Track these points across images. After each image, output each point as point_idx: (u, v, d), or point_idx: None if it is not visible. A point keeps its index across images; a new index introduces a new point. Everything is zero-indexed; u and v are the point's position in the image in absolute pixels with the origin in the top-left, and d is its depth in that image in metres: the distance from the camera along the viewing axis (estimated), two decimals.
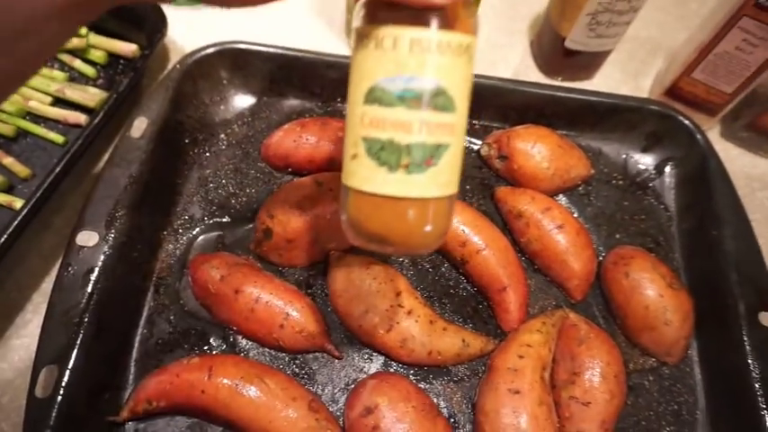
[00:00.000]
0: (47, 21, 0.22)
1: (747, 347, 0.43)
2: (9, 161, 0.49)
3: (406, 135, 0.25)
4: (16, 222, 0.42)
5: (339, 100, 0.56)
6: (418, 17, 0.25)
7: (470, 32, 0.26)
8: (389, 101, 0.25)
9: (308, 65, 0.53)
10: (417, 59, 0.25)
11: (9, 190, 0.48)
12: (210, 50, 0.52)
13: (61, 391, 0.35)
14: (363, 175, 0.27)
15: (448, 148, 0.26)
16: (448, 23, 0.25)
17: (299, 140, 0.50)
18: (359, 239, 0.29)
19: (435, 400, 0.42)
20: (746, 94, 0.57)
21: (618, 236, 0.53)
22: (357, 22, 0.26)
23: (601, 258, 0.51)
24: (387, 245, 0.28)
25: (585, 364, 0.43)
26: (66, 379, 0.36)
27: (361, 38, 0.26)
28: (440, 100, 0.25)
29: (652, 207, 0.55)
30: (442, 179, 0.27)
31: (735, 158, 0.62)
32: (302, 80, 0.55)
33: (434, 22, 0.25)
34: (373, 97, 0.26)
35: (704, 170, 0.52)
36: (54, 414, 0.35)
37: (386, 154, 0.26)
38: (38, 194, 0.43)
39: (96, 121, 0.48)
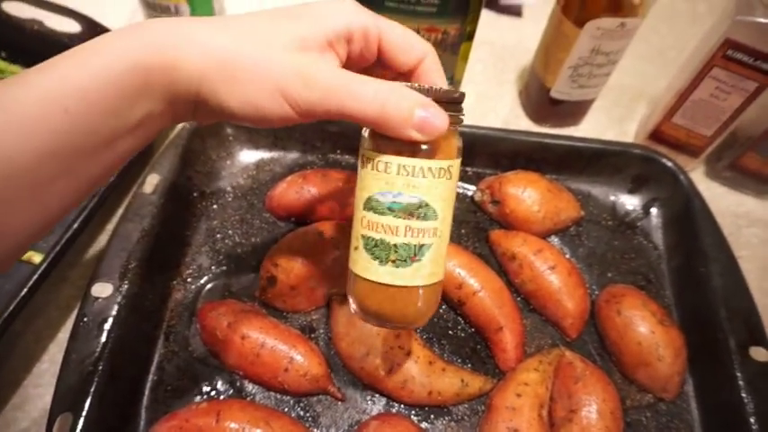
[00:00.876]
0: (120, 139, 0.27)
1: (740, 382, 0.44)
2: None
3: (393, 237, 0.32)
4: (36, 276, 0.44)
5: (338, 152, 0.60)
6: (406, 148, 0.30)
7: (451, 157, 0.32)
8: (381, 210, 0.31)
9: None
10: (403, 181, 0.31)
11: None
12: None
13: None
14: (362, 264, 0.33)
15: (430, 247, 0.32)
16: (430, 153, 0.31)
17: (302, 192, 0.53)
18: (361, 315, 0.35)
19: None
20: (726, 137, 0.60)
21: (609, 274, 0.55)
22: (363, 145, 0.32)
23: (594, 297, 0.52)
24: (383, 321, 0.34)
25: (582, 401, 0.44)
26: (80, 426, 0.37)
27: (364, 159, 0.32)
28: (422, 211, 0.31)
29: (641, 246, 0.57)
30: (425, 272, 0.33)
31: (720, 197, 0.64)
32: (303, 134, 0.58)
33: (418, 153, 0.31)
34: (370, 206, 0.32)
35: (688, 210, 0.55)
36: None
37: (378, 250, 0.32)
38: (56, 249, 0.46)
39: (111, 179, 0.51)
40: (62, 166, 0.25)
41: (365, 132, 0.32)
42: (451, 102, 0.31)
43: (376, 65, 0.34)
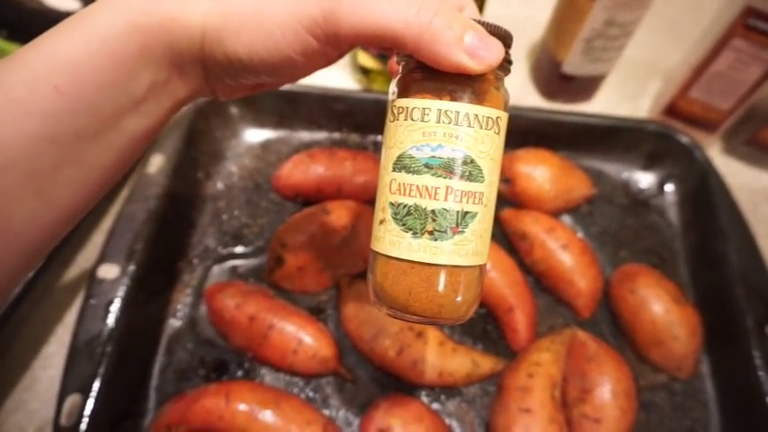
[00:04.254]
0: (125, 117, 0.24)
1: (757, 361, 0.43)
2: None
3: (431, 201, 0.26)
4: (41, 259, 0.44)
5: (345, 130, 0.59)
6: (447, 91, 0.25)
7: (499, 107, 0.26)
8: (416, 168, 0.26)
9: (315, 99, 0.56)
10: (445, 130, 0.25)
11: None
12: None
13: (85, 419, 0.36)
14: (389, 239, 0.27)
15: (475, 216, 0.26)
16: (476, 98, 0.26)
17: (308, 171, 0.52)
18: (383, 306, 0.28)
19: (448, 421, 0.43)
20: (745, 111, 0.59)
21: (623, 253, 0.53)
22: (392, 95, 0.27)
23: (607, 276, 0.51)
24: (410, 313, 0.27)
25: (595, 381, 0.43)
26: (89, 407, 0.37)
27: (393, 111, 0.27)
28: (466, 169, 0.26)
29: (656, 224, 0.56)
30: (468, 248, 0.26)
31: (737, 173, 0.62)
32: (309, 114, 0.57)
33: (462, 96, 0.25)
34: (401, 165, 0.26)
35: (704, 186, 0.53)
36: None
37: (411, 219, 0.26)
38: None
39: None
40: (63, 152, 0.23)
41: (394, 84, 0.28)
42: (502, 40, 0.26)
43: None
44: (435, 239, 0.26)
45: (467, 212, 0.26)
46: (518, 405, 0.41)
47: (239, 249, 0.51)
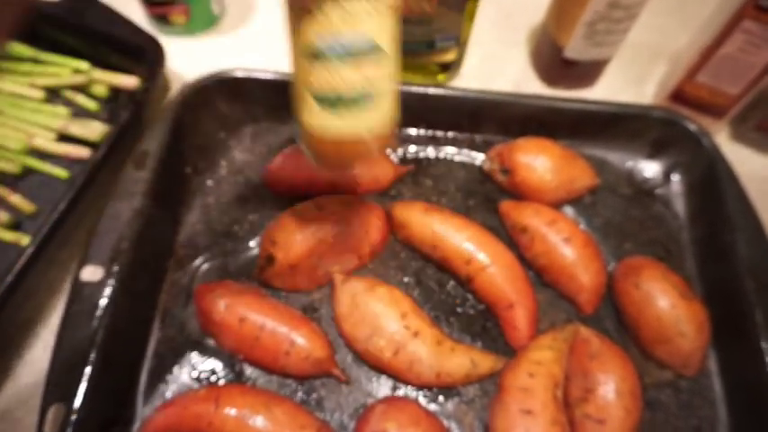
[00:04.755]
0: None
1: (766, 357, 0.41)
2: (16, 199, 0.49)
3: (343, 84, 0.31)
4: (24, 260, 0.42)
5: None
6: None
7: None
8: (324, 58, 0.30)
9: None
10: (345, 21, 0.29)
11: (17, 227, 0.49)
12: (209, 80, 0.52)
13: (69, 430, 0.35)
14: (314, 117, 0.32)
15: (385, 83, 0.32)
16: None
17: (299, 165, 0.50)
18: (321, 166, 0.37)
19: (446, 423, 0.42)
20: (754, 95, 0.56)
21: (627, 246, 0.52)
22: None
23: (610, 270, 0.50)
24: (343, 167, 0.39)
25: (599, 379, 0.42)
26: (73, 417, 0.36)
27: (294, 6, 0.30)
28: (371, 51, 0.30)
29: (661, 215, 0.54)
30: (383, 106, 0.33)
31: (746, 160, 0.60)
32: None
33: None
34: (310, 54, 0.31)
35: (712, 175, 0.51)
36: None
37: (328, 102, 0.31)
38: (44, 231, 0.44)
39: (99, 154, 0.48)
40: None
41: None
42: None
43: None
44: (352, 111, 0.32)
45: (378, 85, 0.32)
46: (519, 406, 0.40)
47: (229, 247, 0.49)
